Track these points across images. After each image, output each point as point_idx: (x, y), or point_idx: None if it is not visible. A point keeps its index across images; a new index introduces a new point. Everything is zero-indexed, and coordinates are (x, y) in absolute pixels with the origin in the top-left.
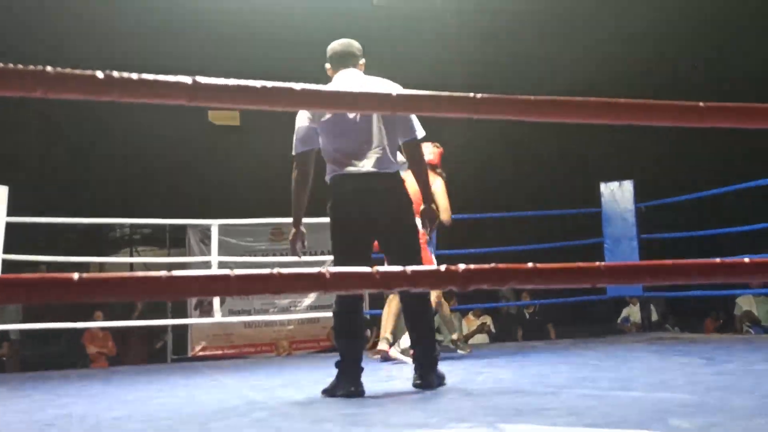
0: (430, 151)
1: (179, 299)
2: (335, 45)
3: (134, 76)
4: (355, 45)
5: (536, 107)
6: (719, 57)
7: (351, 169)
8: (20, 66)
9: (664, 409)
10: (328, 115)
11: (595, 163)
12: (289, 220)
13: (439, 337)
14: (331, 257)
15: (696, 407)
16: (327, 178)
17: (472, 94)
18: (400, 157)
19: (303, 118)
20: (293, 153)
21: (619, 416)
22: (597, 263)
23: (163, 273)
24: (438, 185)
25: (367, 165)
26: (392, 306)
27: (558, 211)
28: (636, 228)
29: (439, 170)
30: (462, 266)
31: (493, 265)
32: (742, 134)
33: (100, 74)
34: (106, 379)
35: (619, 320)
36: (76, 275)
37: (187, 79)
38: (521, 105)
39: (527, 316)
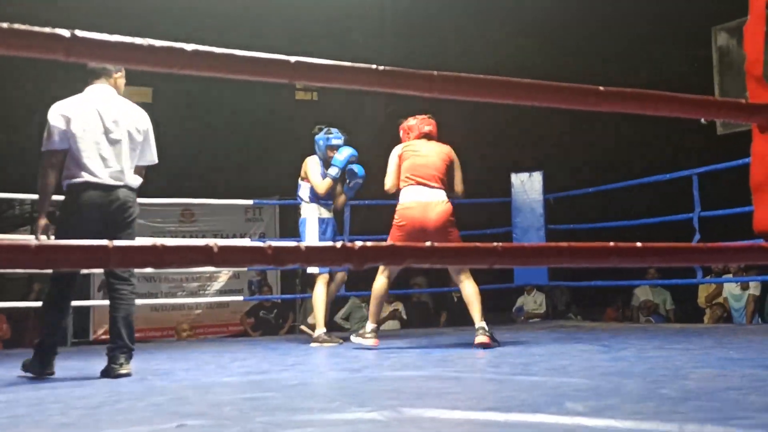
0: (431, 123)
1: (50, 269)
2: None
3: (4, 25)
4: None
5: (436, 83)
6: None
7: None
8: None
9: (561, 393)
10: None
11: (507, 154)
12: (201, 201)
13: (346, 324)
14: (244, 240)
15: (591, 391)
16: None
17: (374, 66)
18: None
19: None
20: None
21: (519, 400)
22: (494, 243)
23: (33, 241)
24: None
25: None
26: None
27: (470, 200)
28: (544, 218)
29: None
30: (359, 243)
31: (389, 243)
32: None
33: None
34: None
35: (513, 309)
36: None
37: (64, 32)
38: (422, 80)
39: (455, 299)
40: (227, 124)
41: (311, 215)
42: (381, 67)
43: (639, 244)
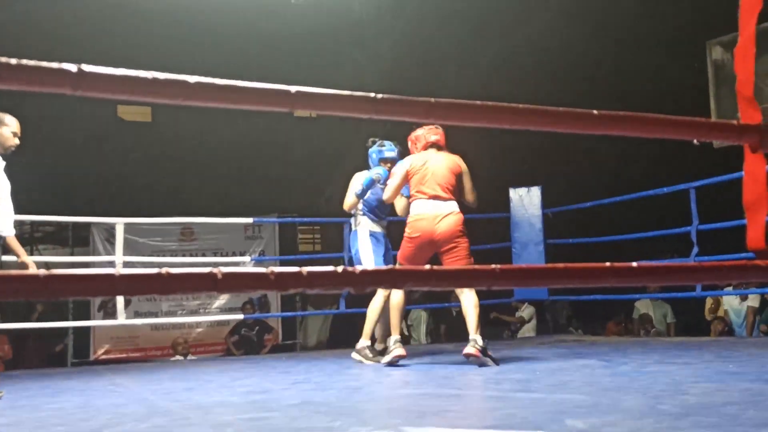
0: (439, 132)
1: (58, 299)
2: None
3: (12, 61)
4: None
5: (434, 110)
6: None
7: None
8: None
9: (562, 410)
10: None
11: (506, 169)
12: (202, 219)
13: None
14: (244, 258)
15: (591, 407)
16: None
17: (372, 94)
18: None
19: None
20: None
21: (519, 418)
22: (492, 266)
23: (41, 271)
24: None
25: None
26: (392, 303)
27: (469, 215)
28: (542, 233)
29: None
30: (359, 267)
31: (389, 267)
32: (647, 143)
33: None
34: None
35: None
36: None
37: (71, 67)
38: (419, 107)
39: (454, 314)
40: (226, 142)
41: (361, 229)
42: (379, 96)
43: (635, 264)
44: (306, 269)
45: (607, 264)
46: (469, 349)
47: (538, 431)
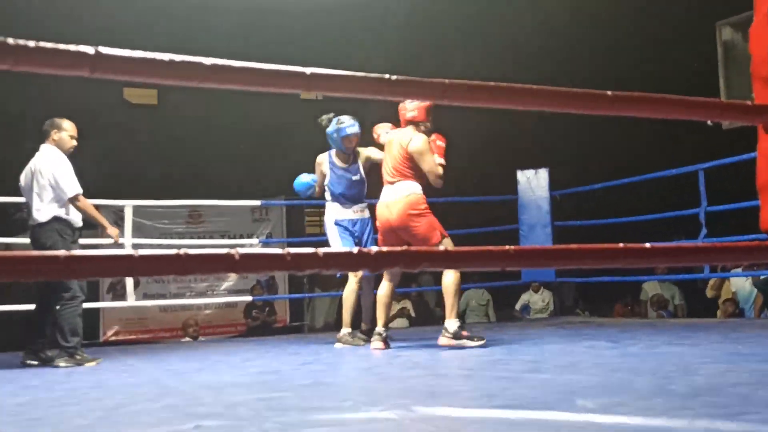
0: (414, 107)
1: (80, 279)
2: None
3: (31, 43)
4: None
5: (447, 91)
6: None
7: None
8: None
9: (572, 390)
10: None
11: (513, 151)
12: (209, 202)
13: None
14: (251, 240)
15: (601, 388)
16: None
17: (386, 76)
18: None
19: None
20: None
21: (530, 398)
22: (506, 246)
23: (62, 252)
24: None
25: None
26: (379, 295)
27: (476, 198)
28: (550, 215)
29: (422, 125)
30: (374, 248)
31: (405, 247)
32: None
33: None
34: (7, 364)
35: (517, 306)
36: None
37: (89, 49)
38: (434, 88)
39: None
40: (233, 124)
41: (327, 218)
42: (393, 77)
43: (648, 245)
44: (322, 250)
45: (621, 245)
46: (441, 339)
47: (549, 411)
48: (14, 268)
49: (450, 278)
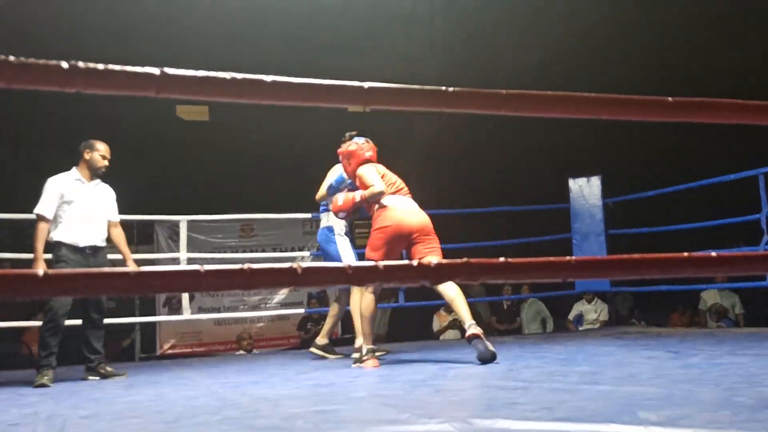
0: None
1: (149, 295)
2: None
3: (100, 66)
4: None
5: (506, 102)
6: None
7: None
8: None
9: (633, 402)
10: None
11: (565, 159)
12: (261, 215)
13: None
14: (303, 253)
15: (663, 399)
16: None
17: (443, 88)
18: None
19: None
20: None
21: (590, 410)
22: (567, 257)
23: (131, 269)
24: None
25: None
26: (362, 309)
27: (528, 207)
28: (603, 223)
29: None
30: (434, 260)
31: (465, 260)
32: (707, 131)
33: (64, 64)
34: (70, 378)
35: (570, 317)
36: (41, 271)
37: (155, 70)
38: (492, 99)
39: (504, 307)
40: (282, 138)
41: (337, 228)
42: (450, 89)
43: (714, 253)
44: (382, 263)
45: (685, 254)
46: (473, 329)
47: (611, 424)
48: (90, 283)
49: (455, 288)
